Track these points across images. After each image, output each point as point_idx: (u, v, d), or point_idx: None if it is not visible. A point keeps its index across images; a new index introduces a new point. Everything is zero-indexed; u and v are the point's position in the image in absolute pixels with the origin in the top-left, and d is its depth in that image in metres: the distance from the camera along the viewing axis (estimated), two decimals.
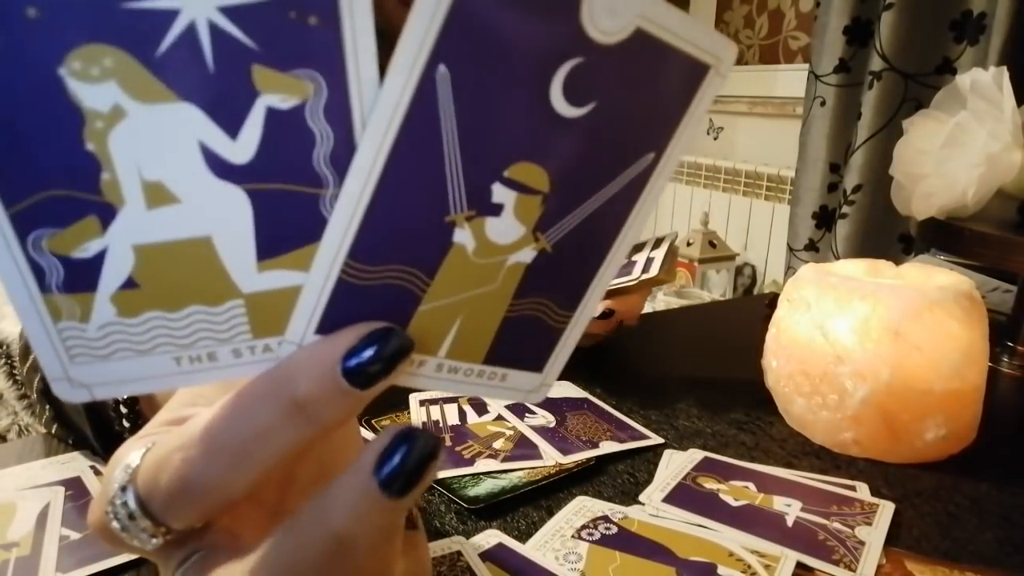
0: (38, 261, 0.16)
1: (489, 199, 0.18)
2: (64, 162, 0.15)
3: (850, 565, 0.35)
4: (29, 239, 0.16)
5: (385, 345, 0.18)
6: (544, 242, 0.19)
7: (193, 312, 0.17)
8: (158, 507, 0.19)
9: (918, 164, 0.69)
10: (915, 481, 0.44)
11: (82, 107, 0.15)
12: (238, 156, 0.16)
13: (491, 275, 0.19)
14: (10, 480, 0.41)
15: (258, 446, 0.18)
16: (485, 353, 0.20)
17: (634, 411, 0.52)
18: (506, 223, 0.18)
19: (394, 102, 0.16)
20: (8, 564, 0.33)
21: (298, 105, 0.16)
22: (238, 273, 0.17)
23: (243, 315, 0.18)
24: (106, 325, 0.17)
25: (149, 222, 0.16)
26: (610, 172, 0.19)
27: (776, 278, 1.96)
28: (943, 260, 0.85)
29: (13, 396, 0.53)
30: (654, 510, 0.39)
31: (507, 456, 0.44)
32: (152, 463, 0.19)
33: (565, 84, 0.17)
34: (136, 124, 0.15)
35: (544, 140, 0.18)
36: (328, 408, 0.18)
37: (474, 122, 0.17)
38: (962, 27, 1.25)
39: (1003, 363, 0.65)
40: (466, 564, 0.34)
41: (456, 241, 0.18)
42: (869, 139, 1.33)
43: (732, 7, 2.17)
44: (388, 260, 0.18)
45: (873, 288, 0.46)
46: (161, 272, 0.17)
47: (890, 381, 0.44)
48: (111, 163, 0.16)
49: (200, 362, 0.18)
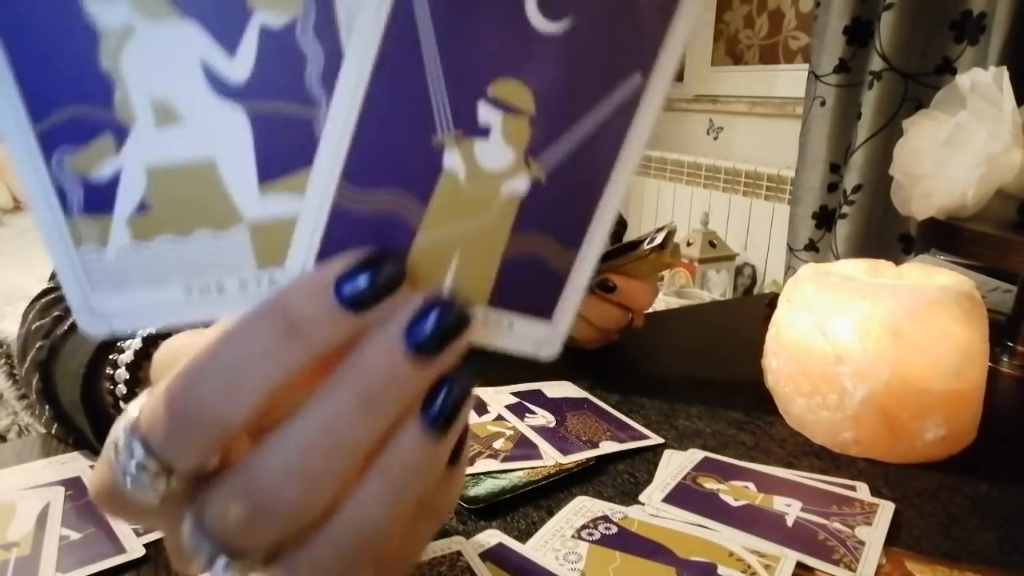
0: (61, 182, 0.17)
1: (476, 119, 0.18)
2: (83, 79, 0.16)
3: (850, 565, 0.35)
4: (53, 159, 0.17)
5: (379, 268, 0.18)
6: (536, 170, 0.19)
7: (201, 237, 0.18)
8: (161, 441, 0.18)
9: (918, 164, 0.69)
10: (915, 481, 0.44)
11: (97, 25, 0.16)
12: (236, 74, 0.17)
13: (485, 205, 0.19)
14: (10, 480, 0.41)
15: (253, 368, 0.18)
16: (488, 294, 0.20)
17: (634, 411, 0.52)
18: (495, 145, 0.18)
19: (372, 16, 0.16)
20: (8, 564, 0.33)
21: (289, 23, 0.16)
22: (241, 197, 0.18)
23: (247, 242, 0.18)
24: (122, 248, 0.18)
25: (158, 142, 0.17)
26: (596, 92, 0.19)
27: (776, 278, 1.96)
28: (943, 260, 0.85)
29: (13, 396, 0.53)
30: (654, 510, 0.39)
31: (507, 456, 0.44)
32: (151, 401, 0.19)
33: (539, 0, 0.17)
34: (145, 41, 0.16)
35: (523, 55, 0.18)
36: (323, 330, 0.18)
37: (452, 36, 0.17)
38: (962, 27, 1.25)
39: (1003, 363, 0.65)
40: (466, 564, 0.34)
41: (447, 166, 0.18)
42: (869, 139, 1.34)
43: (732, 7, 2.17)
44: (381, 184, 0.18)
45: (873, 288, 0.46)
46: (171, 195, 0.18)
47: (890, 381, 0.44)
48: (123, 81, 0.16)
49: (209, 293, 0.18)
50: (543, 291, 0.21)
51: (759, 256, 2.06)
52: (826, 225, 1.48)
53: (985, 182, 0.64)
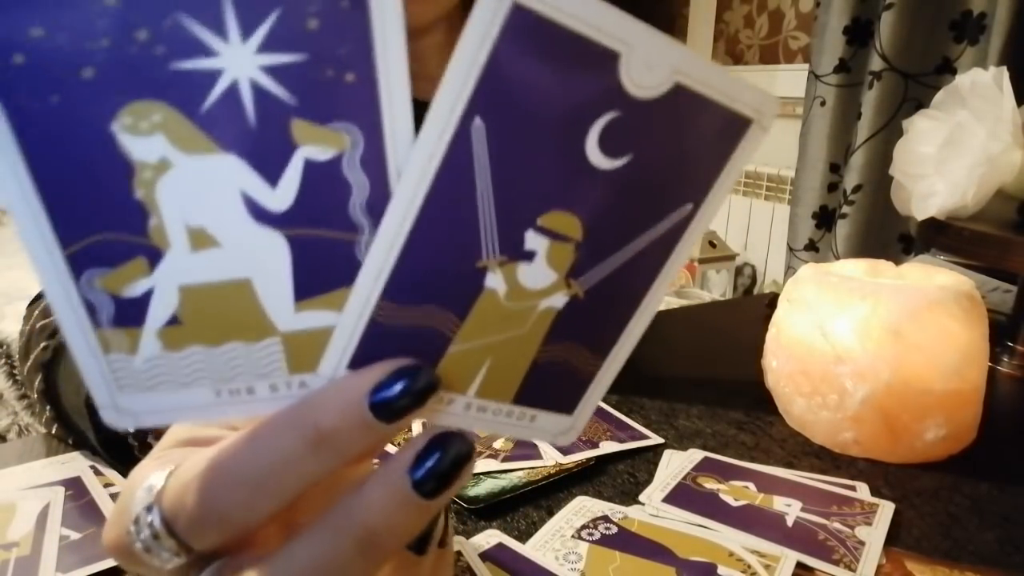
0: (90, 298, 0.17)
1: (522, 246, 0.18)
2: (115, 208, 0.16)
3: (850, 565, 0.35)
4: (83, 278, 0.17)
5: (413, 381, 0.18)
6: (576, 288, 0.19)
7: (233, 348, 0.18)
8: (182, 529, 0.19)
9: (918, 164, 0.69)
10: (915, 481, 0.44)
11: (132, 159, 0.16)
12: (277, 204, 0.17)
13: (522, 319, 0.19)
14: (10, 480, 0.41)
15: (281, 475, 0.18)
16: (514, 394, 0.20)
17: (634, 411, 0.52)
18: (538, 269, 0.19)
19: (429, 152, 0.16)
20: (8, 564, 0.33)
21: (335, 156, 0.17)
22: (276, 313, 0.18)
23: (280, 352, 0.18)
24: (152, 358, 0.18)
25: (193, 264, 0.17)
26: (645, 222, 0.19)
27: (776, 278, 1.96)
28: (943, 260, 0.85)
29: (13, 396, 0.53)
30: (654, 510, 0.39)
31: (507, 456, 0.44)
32: (178, 486, 0.19)
33: (601, 137, 0.17)
34: (181, 174, 0.16)
35: (578, 190, 0.18)
36: (351, 440, 0.18)
37: (508, 173, 0.17)
38: (962, 27, 1.25)
39: (1003, 363, 0.65)
40: (466, 564, 0.34)
41: (488, 286, 0.18)
42: (869, 139, 1.33)
43: (732, 7, 2.17)
44: (420, 302, 0.18)
45: (873, 288, 0.46)
46: (204, 310, 0.18)
47: (890, 381, 0.44)
48: (158, 210, 0.17)
49: (238, 395, 0.18)
50: (568, 391, 0.21)
51: (759, 256, 2.06)
52: (826, 225, 1.48)
53: (985, 182, 0.64)
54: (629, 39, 0.16)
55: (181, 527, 0.19)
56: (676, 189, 0.19)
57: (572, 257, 0.19)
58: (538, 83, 0.16)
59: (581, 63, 0.16)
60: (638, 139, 0.17)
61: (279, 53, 0.16)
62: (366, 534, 0.18)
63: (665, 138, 0.18)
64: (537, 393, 0.21)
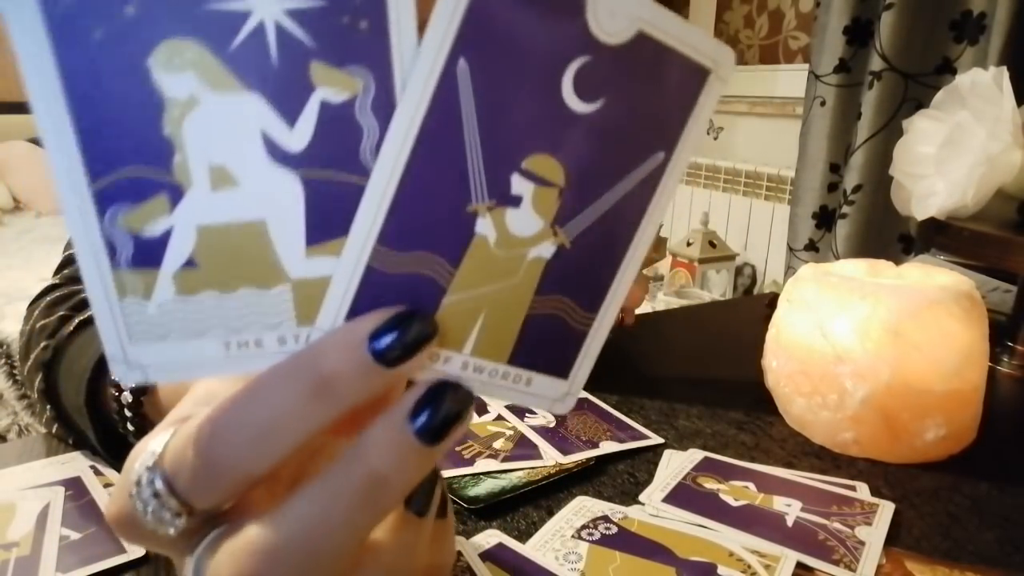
0: (112, 237, 0.18)
1: (509, 190, 0.19)
2: (144, 143, 0.17)
3: (850, 565, 0.35)
4: (107, 215, 0.17)
5: (410, 326, 0.18)
6: (562, 237, 0.20)
7: (245, 295, 0.18)
8: (184, 484, 0.19)
9: (918, 164, 0.69)
10: (915, 481, 0.44)
11: (164, 94, 0.17)
12: (294, 144, 0.18)
13: (513, 268, 0.20)
14: (10, 480, 0.41)
15: (283, 423, 0.18)
16: (510, 352, 0.21)
17: (634, 411, 0.52)
18: (525, 215, 0.19)
19: (418, 93, 0.17)
20: (8, 564, 0.33)
21: (348, 100, 0.17)
22: (288, 258, 0.18)
23: (290, 300, 0.19)
24: (165, 303, 0.18)
25: (212, 203, 0.18)
26: (622, 168, 0.20)
27: (776, 278, 1.96)
28: (943, 260, 0.85)
29: (13, 396, 0.53)
30: (654, 510, 0.39)
31: (507, 456, 0.44)
32: (179, 441, 0.19)
33: (575, 80, 0.18)
34: (208, 111, 0.17)
35: (558, 133, 0.19)
36: (353, 385, 0.18)
37: (492, 114, 0.18)
38: (962, 27, 1.25)
39: (1003, 363, 0.65)
40: (466, 564, 0.34)
41: (478, 231, 0.19)
42: (869, 139, 1.33)
43: (732, 7, 2.17)
44: (414, 247, 0.19)
45: (873, 288, 0.46)
46: (219, 253, 0.18)
47: (890, 381, 0.44)
48: (183, 147, 0.17)
49: (247, 348, 0.19)
50: (562, 350, 0.22)
51: (759, 256, 2.06)
52: (826, 225, 1.48)
53: (985, 182, 0.64)
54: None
55: (183, 483, 0.19)
56: (647, 137, 0.20)
57: (556, 203, 0.20)
58: (516, 25, 0.17)
59: (553, 7, 0.17)
60: (608, 84, 0.19)
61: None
62: (368, 482, 0.18)
63: (633, 85, 0.19)
64: (532, 352, 0.21)
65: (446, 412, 0.19)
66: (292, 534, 0.18)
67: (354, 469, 0.18)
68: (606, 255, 0.21)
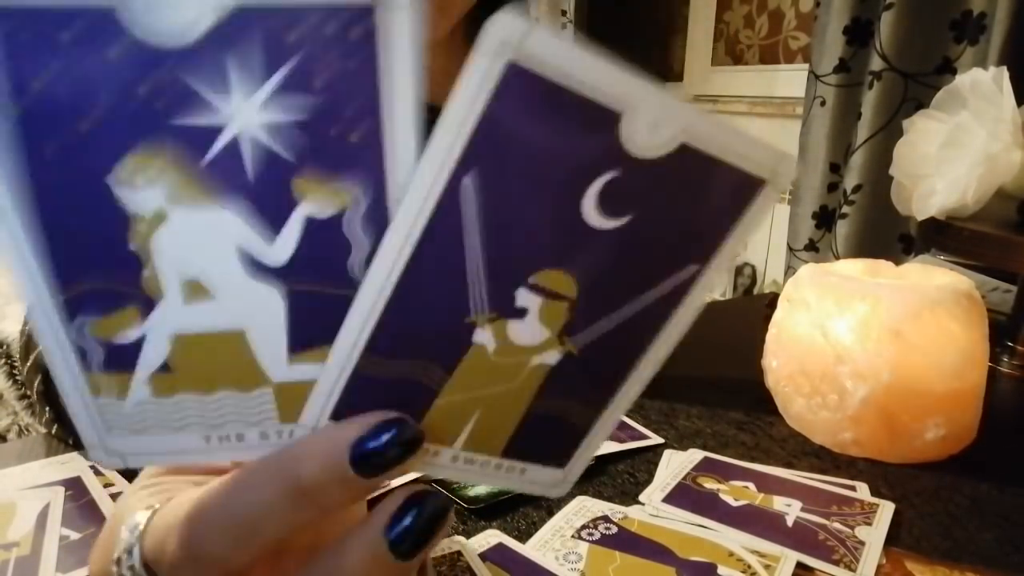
0: (81, 343, 0.17)
1: (512, 303, 0.18)
2: (109, 258, 0.16)
3: (850, 565, 0.35)
4: (75, 323, 0.17)
5: (395, 436, 0.18)
6: (571, 346, 0.19)
7: (224, 397, 0.18)
8: (163, 572, 0.19)
9: (918, 164, 0.69)
10: (915, 481, 0.44)
11: (127, 211, 0.16)
12: (275, 259, 0.17)
13: (513, 374, 0.19)
14: (10, 480, 0.41)
15: (262, 524, 0.18)
16: (503, 448, 0.20)
17: (634, 411, 0.52)
18: (530, 326, 0.18)
19: (417, 207, 0.16)
20: (8, 564, 0.33)
21: (337, 214, 0.16)
22: (270, 365, 0.18)
23: (272, 402, 0.18)
24: (141, 403, 0.18)
25: (186, 315, 0.17)
26: (646, 283, 0.18)
27: (776, 278, 1.96)
28: (943, 260, 0.85)
29: (13, 396, 0.53)
30: (654, 510, 0.39)
31: None
32: (158, 529, 0.19)
33: (600, 196, 0.16)
34: (178, 226, 0.16)
35: (573, 250, 0.17)
36: (332, 494, 0.18)
37: (499, 230, 0.16)
38: (962, 27, 1.25)
39: (1003, 363, 0.65)
40: (466, 564, 0.34)
41: (476, 341, 0.18)
42: (869, 139, 1.33)
43: (732, 7, 2.17)
44: (406, 355, 0.18)
45: (873, 288, 0.46)
46: (195, 359, 0.17)
47: (890, 381, 0.44)
48: (152, 261, 0.16)
49: (228, 441, 0.18)
50: (561, 445, 0.21)
51: (759, 256, 2.06)
52: (826, 225, 1.48)
53: (985, 182, 0.63)
54: (632, 99, 0.15)
55: (162, 570, 0.19)
56: (680, 250, 0.18)
57: (566, 315, 0.18)
58: (533, 142, 0.16)
59: (579, 123, 0.15)
60: (639, 200, 0.17)
61: (284, 111, 0.15)
62: None
63: (669, 199, 0.17)
64: (528, 446, 0.20)
65: (422, 525, 0.18)
66: None
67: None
68: (620, 361, 0.19)
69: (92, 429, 0.18)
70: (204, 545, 0.18)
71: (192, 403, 0.18)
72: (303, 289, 0.17)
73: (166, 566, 0.19)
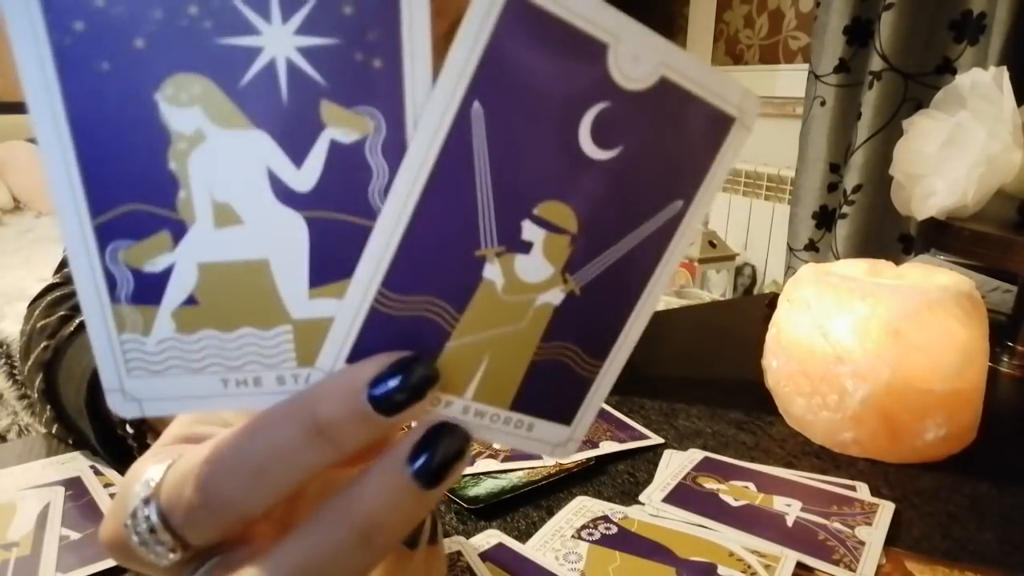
0: (112, 272, 0.18)
1: (519, 236, 0.19)
2: (148, 179, 0.17)
3: (850, 565, 0.35)
4: (108, 250, 0.17)
5: (411, 373, 0.18)
6: (572, 284, 0.20)
7: (245, 334, 0.18)
8: (179, 521, 0.19)
9: (918, 164, 0.69)
10: (915, 481, 0.44)
11: (169, 129, 0.17)
12: (301, 184, 0.17)
13: (519, 314, 0.19)
14: (10, 480, 0.41)
15: (278, 466, 0.18)
16: (512, 398, 0.20)
17: (634, 411, 0.52)
18: (535, 261, 0.19)
19: (431, 134, 0.17)
20: (8, 564, 0.33)
21: (359, 140, 0.17)
22: (290, 298, 0.18)
23: (290, 342, 0.18)
24: (164, 340, 0.18)
25: (215, 241, 0.18)
26: (638, 216, 0.19)
27: (776, 278, 1.96)
28: (943, 260, 0.85)
29: (13, 396, 0.53)
30: (654, 510, 0.39)
31: (507, 456, 0.44)
32: (176, 477, 0.19)
33: (593, 127, 0.18)
34: (214, 147, 0.17)
35: (572, 180, 0.18)
36: (350, 433, 0.18)
37: (506, 159, 0.18)
38: (962, 27, 1.25)
39: (1003, 363, 0.65)
40: (466, 564, 0.34)
41: (486, 276, 0.19)
42: (869, 139, 1.33)
43: (732, 7, 2.17)
44: (419, 291, 0.18)
45: (873, 288, 0.46)
46: (220, 292, 0.18)
47: (890, 381, 0.44)
48: (188, 182, 0.17)
49: (246, 386, 0.19)
50: (566, 397, 0.21)
51: (759, 256, 2.06)
52: (826, 225, 1.48)
53: (985, 182, 0.64)
54: (617, 31, 0.17)
55: (178, 519, 0.19)
56: (666, 185, 0.19)
57: (568, 250, 0.19)
58: (534, 70, 0.17)
59: (573, 52, 0.17)
60: (628, 131, 0.18)
61: (315, 35, 0.16)
62: (365, 525, 0.18)
63: (653, 131, 0.18)
64: (535, 398, 0.21)
65: (444, 455, 0.18)
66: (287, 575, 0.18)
67: (352, 512, 0.18)
68: (617, 303, 0.20)
69: (113, 370, 0.18)
70: (220, 488, 0.18)
71: (213, 341, 0.18)
72: (325, 217, 0.18)
73: (181, 515, 0.19)
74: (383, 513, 0.18)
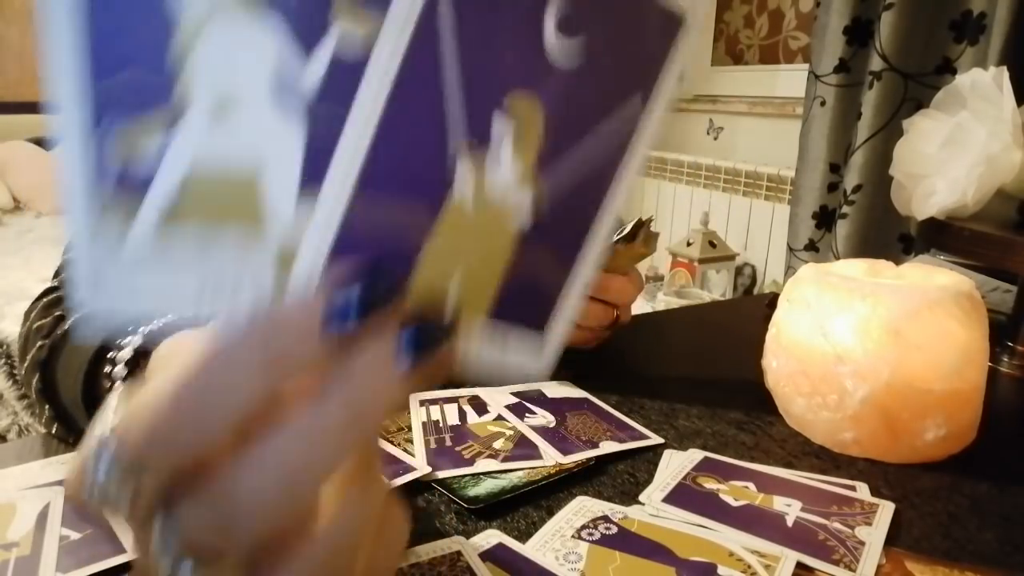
0: (103, 152, 0.17)
1: (488, 130, 0.19)
2: (154, 48, 0.16)
3: (850, 565, 0.35)
4: (101, 125, 0.17)
5: (378, 282, 0.18)
6: (541, 183, 0.20)
7: (230, 234, 0.18)
8: (134, 452, 0.18)
9: (918, 164, 0.69)
10: (915, 481, 0.44)
11: (178, 9, 0.16)
12: (304, 81, 0.17)
13: (491, 219, 0.20)
14: (10, 480, 0.41)
15: (234, 392, 0.18)
16: (488, 307, 0.21)
17: (634, 411, 0.52)
18: (505, 157, 0.19)
19: (400, 25, 0.17)
20: (8, 564, 0.33)
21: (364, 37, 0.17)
22: (277, 202, 0.18)
23: (271, 245, 0.18)
24: (147, 231, 0.18)
25: (209, 132, 0.17)
26: (599, 113, 0.20)
27: (776, 278, 1.96)
28: (943, 260, 0.85)
29: (13, 396, 0.53)
30: (654, 510, 0.39)
31: (507, 456, 0.44)
32: (130, 407, 0.19)
33: (557, 20, 0.19)
34: (220, 35, 0.17)
35: (538, 72, 0.19)
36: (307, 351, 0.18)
37: (474, 50, 0.18)
38: (962, 27, 1.25)
39: (1003, 363, 0.65)
40: (466, 564, 0.34)
41: (459, 177, 0.19)
42: (869, 139, 1.34)
43: (732, 7, 2.17)
44: (394, 192, 0.18)
45: (873, 288, 0.46)
46: (209, 188, 0.17)
47: (890, 381, 0.44)
48: (193, 61, 0.17)
49: (222, 291, 0.18)
50: (539, 306, 0.22)
51: (759, 256, 2.06)
52: (826, 225, 1.48)
53: (985, 182, 0.64)
54: None
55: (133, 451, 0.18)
56: (625, 79, 0.20)
57: (536, 146, 0.20)
58: None
59: None
60: (588, 23, 0.19)
61: None
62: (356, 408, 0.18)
63: (611, 25, 0.19)
64: (509, 307, 0.21)
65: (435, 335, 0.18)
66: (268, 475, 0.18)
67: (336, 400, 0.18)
68: (583, 206, 0.21)
69: (88, 258, 0.17)
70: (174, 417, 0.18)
71: (196, 238, 0.18)
72: (321, 119, 0.17)
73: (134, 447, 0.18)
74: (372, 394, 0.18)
